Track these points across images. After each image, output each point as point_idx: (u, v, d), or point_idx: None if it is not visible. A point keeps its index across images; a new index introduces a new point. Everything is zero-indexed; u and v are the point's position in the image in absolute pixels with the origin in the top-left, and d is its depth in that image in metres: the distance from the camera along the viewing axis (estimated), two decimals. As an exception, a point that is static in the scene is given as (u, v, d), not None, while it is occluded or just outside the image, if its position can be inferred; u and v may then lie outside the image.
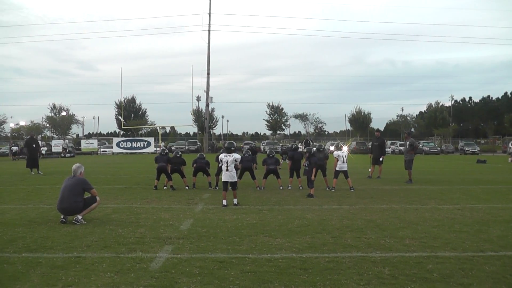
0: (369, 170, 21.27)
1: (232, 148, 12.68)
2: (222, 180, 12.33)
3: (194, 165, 16.35)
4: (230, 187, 12.24)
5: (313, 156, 14.53)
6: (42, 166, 25.50)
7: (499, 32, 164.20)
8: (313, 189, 13.83)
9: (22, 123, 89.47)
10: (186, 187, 16.03)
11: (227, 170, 12.12)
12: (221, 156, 12.46)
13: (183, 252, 7.18)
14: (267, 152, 16.52)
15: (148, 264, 6.49)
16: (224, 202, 12.00)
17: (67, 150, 56.82)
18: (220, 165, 13.44)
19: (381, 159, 20.75)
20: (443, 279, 5.86)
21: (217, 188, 15.86)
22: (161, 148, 18.33)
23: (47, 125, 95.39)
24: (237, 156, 12.46)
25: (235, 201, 12.27)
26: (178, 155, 16.62)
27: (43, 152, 55.24)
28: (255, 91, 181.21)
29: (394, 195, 14.40)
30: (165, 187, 15.99)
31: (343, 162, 15.81)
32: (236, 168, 12.45)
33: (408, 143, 19.99)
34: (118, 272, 6.11)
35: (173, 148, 63.74)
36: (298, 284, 5.69)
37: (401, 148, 53.72)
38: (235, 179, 12.29)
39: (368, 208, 11.69)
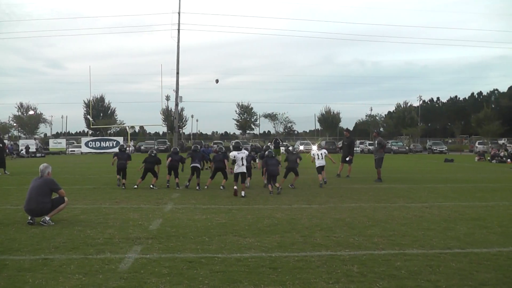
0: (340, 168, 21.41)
1: (240, 147, 15.20)
2: (236, 172, 14.26)
3: (169, 160, 16.22)
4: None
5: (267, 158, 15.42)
6: (9, 166, 25.06)
7: (467, 34, 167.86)
8: (270, 186, 14.63)
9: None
10: (151, 186, 15.87)
11: (242, 164, 14.22)
12: (234, 153, 14.48)
13: (152, 252, 7.14)
14: (217, 149, 16.59)
15: (117, 265, 6.44)
16: (235, 187, 13.95)
17: (37, 150, 56.18)
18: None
19: (347, 158, 20.91)
20: (411, 276, 5.94)
21: (188, 184, 15.91)
22: (120, 144, 18.30)
23: (14, 124, 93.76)
24: (246, 152, 15.05)
25: (243, 193, 13.80)
26: (152, 154, 16.69)
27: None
28: (225, 91, 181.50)
29: (363, 193, 14.54)
30: (135, 187, 15.87)
31: (320, 159, 17.33)
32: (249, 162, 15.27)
33: (376, 142, 20.20)
34: (87, 273, 6.04)
35: (142, 147, 63.57)
36: (268, 283, 5.70)
37: (370, 147, 54.23)
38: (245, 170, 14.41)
39: (337, 207, 11.77)
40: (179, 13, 65.20)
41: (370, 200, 13.13)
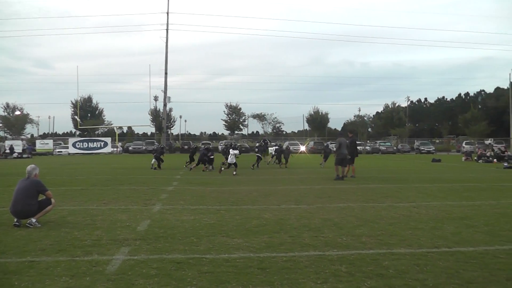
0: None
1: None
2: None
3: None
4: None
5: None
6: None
7: (455, 35, 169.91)
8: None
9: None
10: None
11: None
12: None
13: (140, 254, 7.10)
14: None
15: (104, 267, 6.39)
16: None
17: (23, 150, 55.76)
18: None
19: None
20: (399, 275, 5.96)
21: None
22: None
23: (0, 125, 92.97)
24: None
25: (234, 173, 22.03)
26: (160, 146, 26.80)
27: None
28: (214, 91, 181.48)
29: (351, 194, 14.56)
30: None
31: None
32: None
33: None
34: (74, 276, 5.99)
35: (130, 148, 63.66)
36: (256, 284, 5.69)
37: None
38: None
39: (325, 207, 11.79)
40: (167, 13, 65.57)
41: (359, 200, 13.16)
